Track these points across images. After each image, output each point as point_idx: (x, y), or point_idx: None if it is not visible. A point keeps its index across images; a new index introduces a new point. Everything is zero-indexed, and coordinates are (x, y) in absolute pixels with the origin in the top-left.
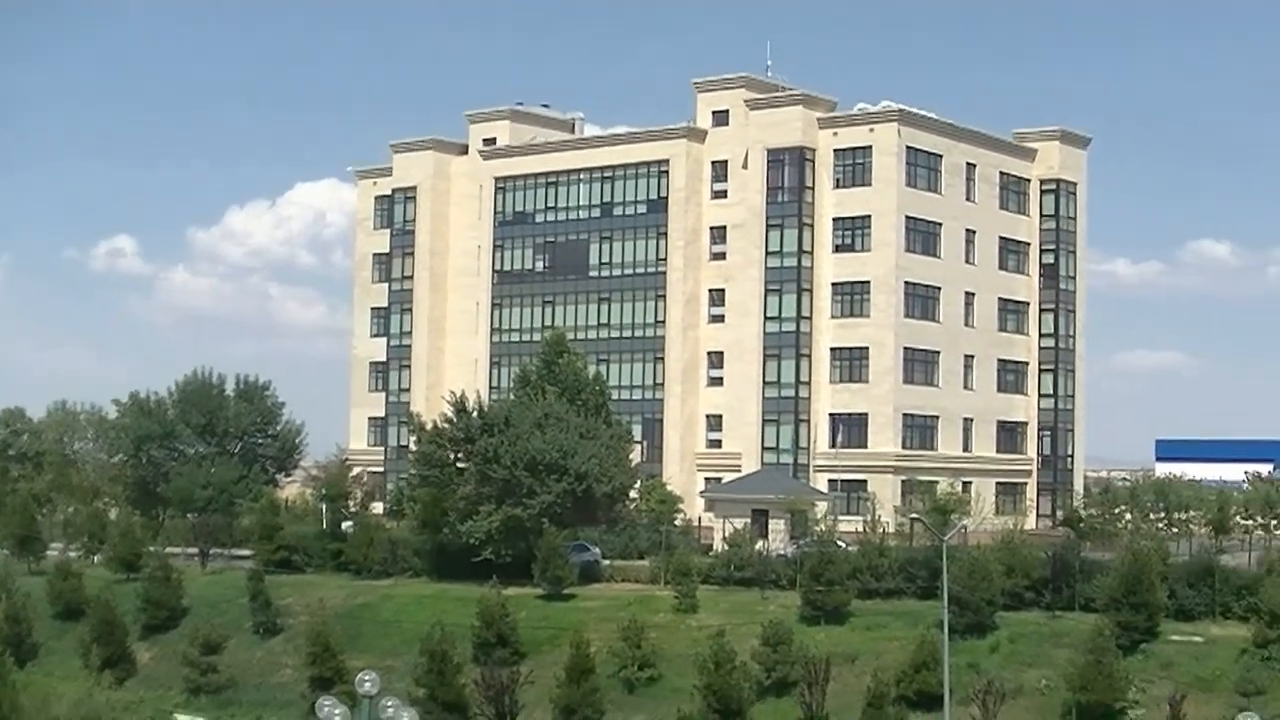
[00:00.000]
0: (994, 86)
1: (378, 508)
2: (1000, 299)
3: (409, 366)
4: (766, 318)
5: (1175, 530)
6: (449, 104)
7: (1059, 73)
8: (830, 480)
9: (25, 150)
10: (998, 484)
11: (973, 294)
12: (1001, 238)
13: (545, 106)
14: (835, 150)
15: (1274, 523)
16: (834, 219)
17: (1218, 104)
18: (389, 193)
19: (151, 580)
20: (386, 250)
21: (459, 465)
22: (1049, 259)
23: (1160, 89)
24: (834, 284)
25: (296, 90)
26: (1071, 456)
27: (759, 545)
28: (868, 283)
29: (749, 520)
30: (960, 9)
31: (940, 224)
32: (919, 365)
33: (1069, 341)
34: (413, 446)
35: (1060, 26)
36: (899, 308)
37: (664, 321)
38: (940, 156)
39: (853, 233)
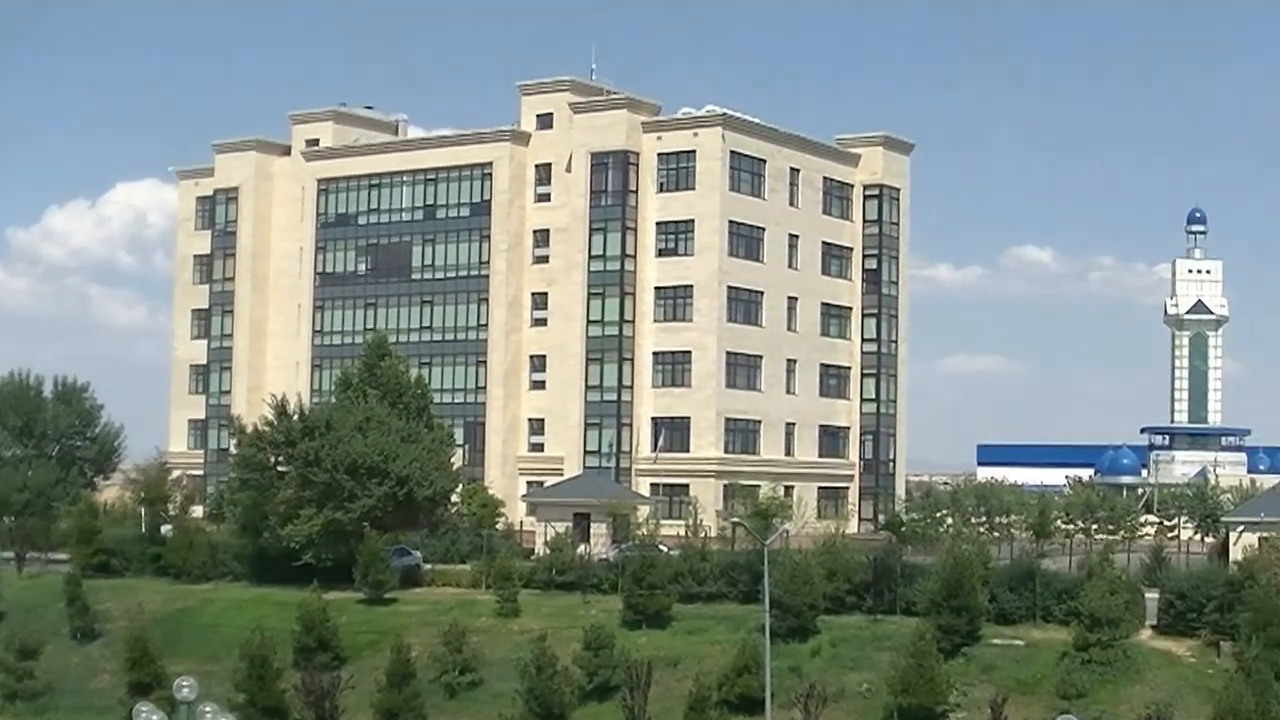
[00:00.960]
0: (818, 92)
1: (198, 511)
2: (823, 304)
3: (230, 369)
4: (589, 321)
5: (996, 534)
6: (272, 105)
7: (883, 79)
8: (652, 484)
9: None
10: (820, 488)
11: (795, 299)
12: (824, 242)
13: (369, 108)
14: (659, 154)
15: (1094, 527)
16: (657, 223)
17: (1040, 111)
18: (210, 193)
19: None
20: (208, 251)
21: (280, 469)
22: (872, 264)
23: (984, 96)
24: (657, 288)
25: (118, 89)
26: (893, 461)
27: (581, 549)
28: (690, 287)
29: (571, 524)
30: (784, 16)
31: (763, 229)
32: (741, 370)
33: (891, 346)
34: (233, 449)
35: (885, 34)
36: (721, 312)
37: (486, 325)
38: (764, 161)
39: (676, 237)
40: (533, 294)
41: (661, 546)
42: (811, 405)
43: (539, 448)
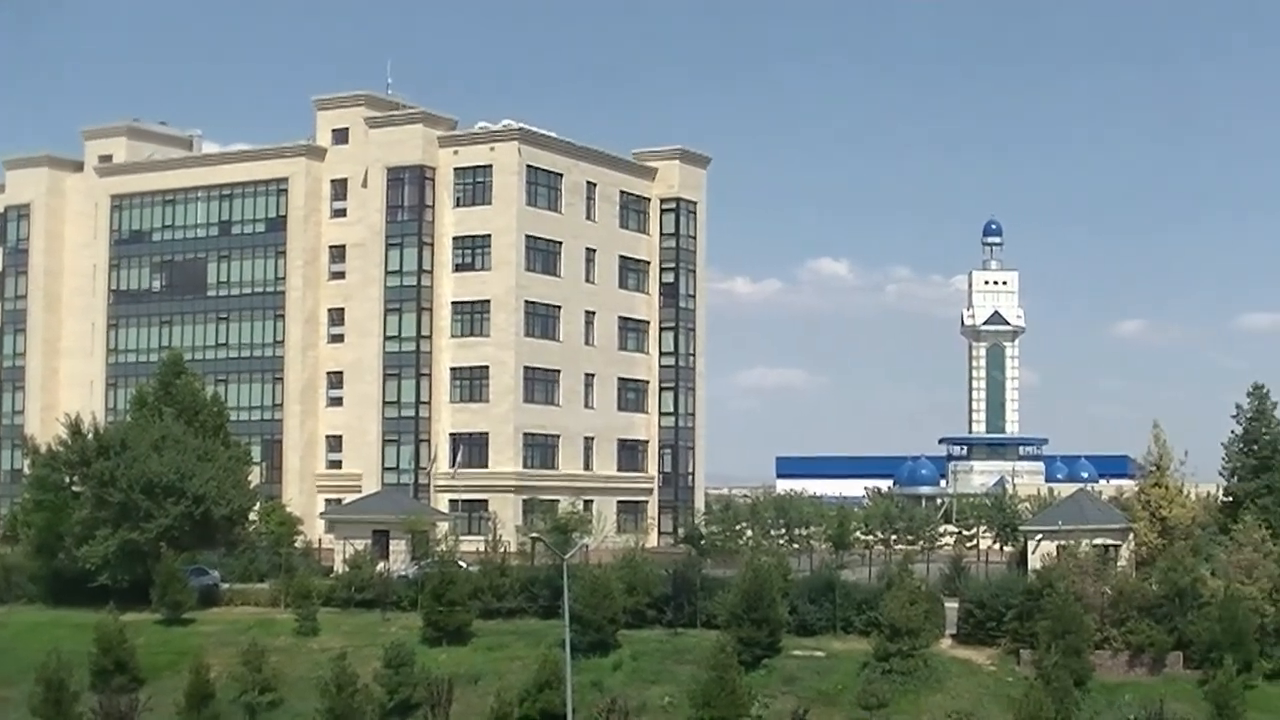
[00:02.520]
0: (616, 107)
1: None
2: (621, 317)
3: (22, 388)
4: (386, 337)
5: (796, 546)
6: (65, 120)
7: (680, 93)
8: (451, 500)
9: None
10: (619, 502)
11: (593, 313)
12: (622, 256)
13: (163, 123)
14: (456, 169)
15: (894, 537)
16: (454, 238)
17: (834, 123)
18: (1, 210)
19: None
20: None
21: (75, 489)
22: (669, 278)
23: (779, 108)
24: (454, 303)
25: None
26: (692, 474)
27: (380, 566)
28: (488, 302)
29: (370, 541)
30: (582, 30)
31: (561, 243)
32: (539, 384)
33: (689, 360)
34: (27, 470)
35: (681, 49)
36: (519, 327)
37: (283, 341)
38: (561, 175)
39: (473, 251)
40: (329, 310)
41: (461, 563)
42: (610, 419)
43: (337, 465)
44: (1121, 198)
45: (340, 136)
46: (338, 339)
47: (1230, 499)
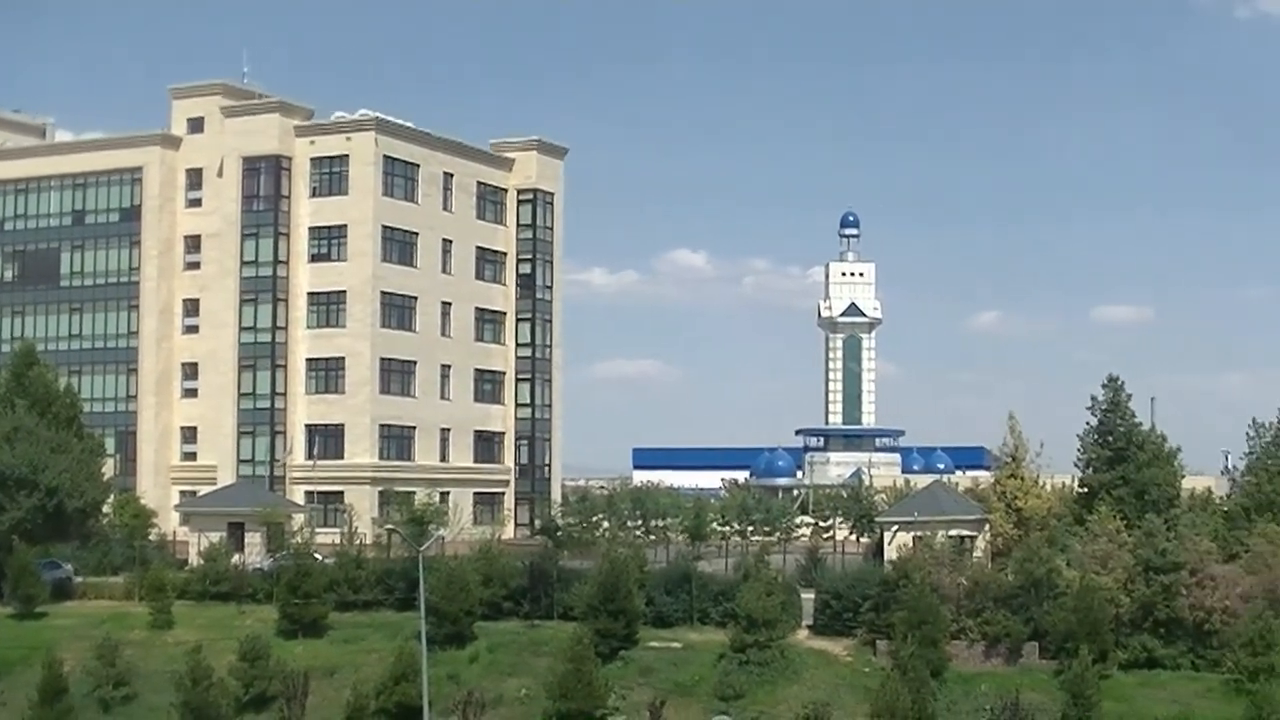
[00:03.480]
0: (473, 98)
1: None
2: (477, 309)
3: None
4: (242, 328)
5: (653, 538)
6: None
7: (537, 83)
8: (307, 492)
9: None
10: (476, 494)
11: (450, 304)
12: (479, 247)
13: (16, 111)
14: (312, 159)
15: (750, 529)
16: (310, 228)
17: (691, 113)
18: None
19: None
20: None
21: None
22: (526, 269)
23: (635, 98)
24: (310, 294)
25: None
26: (549, 465)
27: (235, 559)
28: (344, 292)
29: (225, 534)
30: (437, 20)
31: (417, 234)
32: (396, 376)
33: (546, 351)
34: None
35: (538, 42)
36: (375, 318)
37: (137, 332)
38: (418, 166)
39: (329, 242)
40: (184, 301)
41: (317, 555)
42: (467, 411)
43: (192, 456)
44: (978, 191)
45: (196, 125)
46: (193, 330)
47: (1085, 490)
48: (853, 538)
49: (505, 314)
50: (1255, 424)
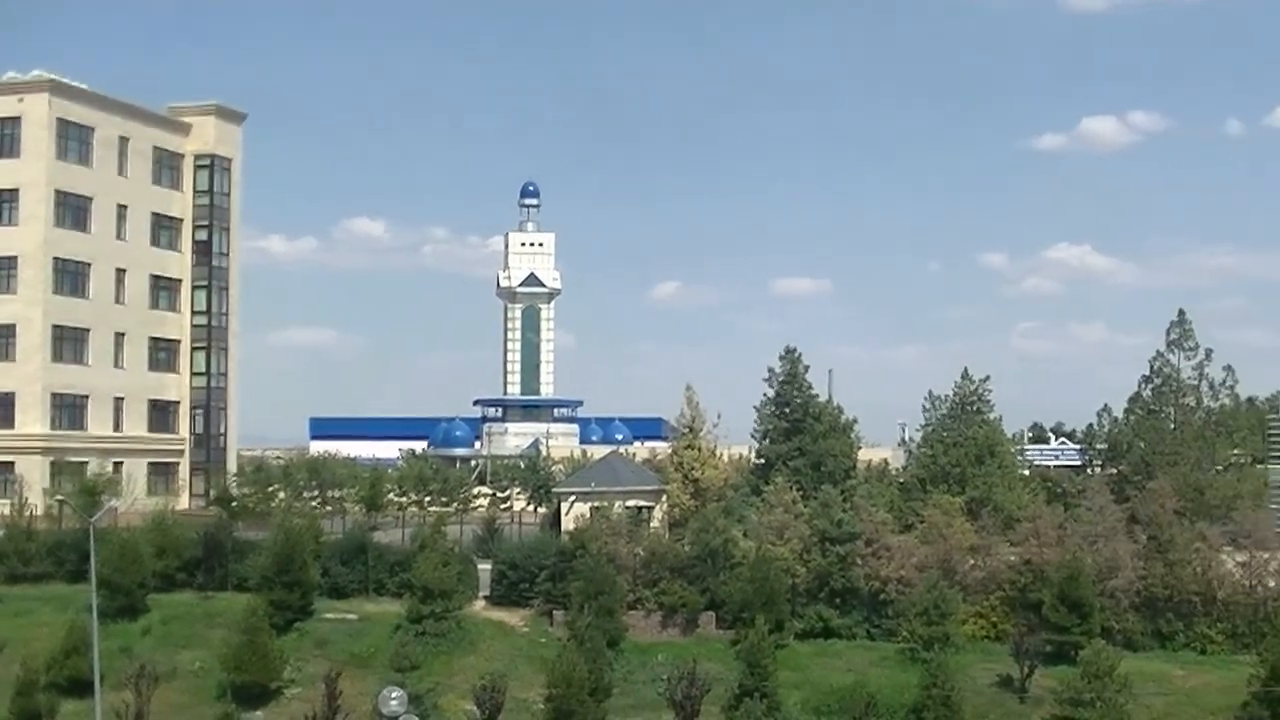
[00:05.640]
0: (153, 61)
1: None
2: (152, 275)
3: None
4: None
5: (329, 508)
6: None
7: (216, 50)
8: None
9: None
10: (150, 464)
11: (124, 270)
12: (154, 213)
13: None
14: None
15: (428, 499)
16: None
17: (375, 83)
18: None
19: None
20: None
21: None
22: (203, 235)
23: (320, 67)
24: None
25: None
26: (225, 435)
27: None
28: (15, 258)
29: None
30: None
31: (91, 198)
32: (69, 343)
33: (222, 319)
34: None
35: (217, 5)
36: (48, 284)
37: None
38: (93, 129)
39: (0, 206)
40: None
41: None
42: (141, 379)
43: None
44: (660, 162)
45: None
46: None
47: (763, 461)
48: (530, 508)
49: (181, 281)
50: (931, 396)
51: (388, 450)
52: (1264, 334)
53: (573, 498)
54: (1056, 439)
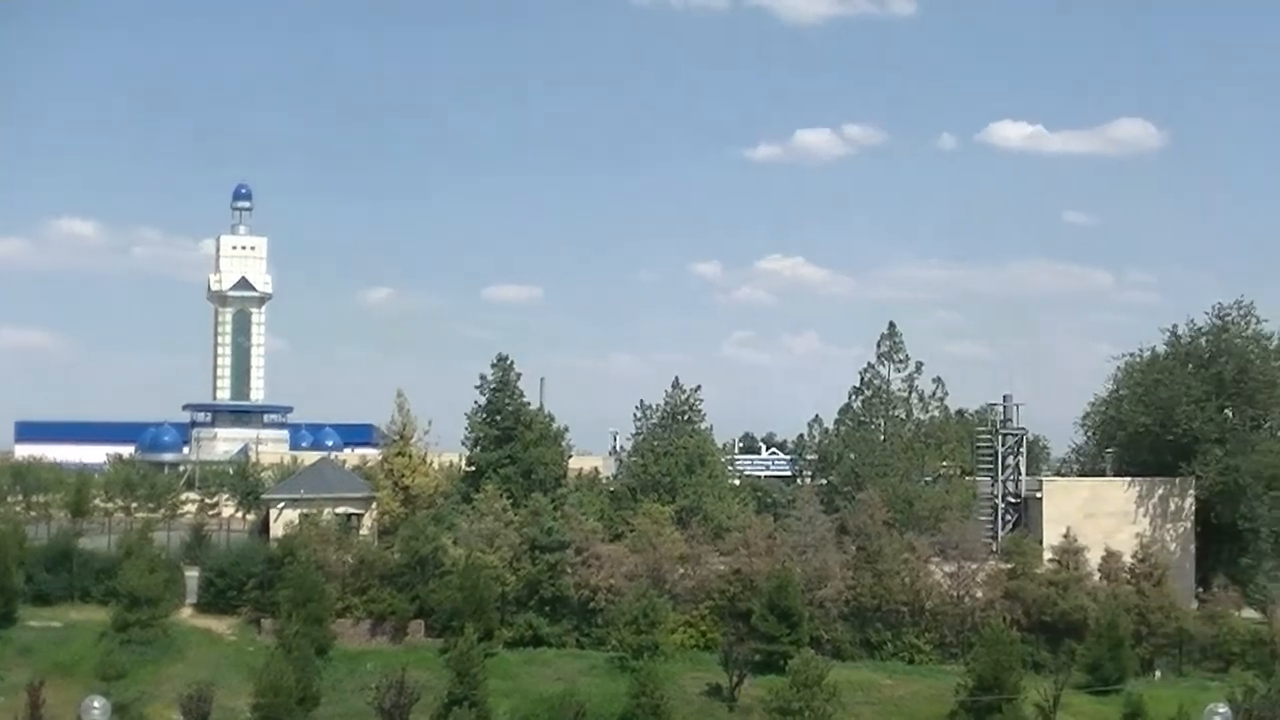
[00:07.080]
0: None
1: None
2: None
3: None
4: None
5: (34, 514)
6: None
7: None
8: None
9: None
10: None
11: None
12: None
13: None
14: None
15: (135, 504)
16: None
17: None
18: None
19: None
20: None
21: None
22: None
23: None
24: None
25: None
26: None
27: None
28: None
29: None
30: None
31: None
32: None
33: None
34: None
35: None
36: None
37: None
38: None
39: None
40: None
41: None
42: None
43: None
44: (374, 167)
45: None
46: None
47: (473, 468)
48: (239, 514)
49: None
50: (643, 405)
51: (95, 455)
52: (973, 347)
53: (282, 504)
54: (767, 449)
